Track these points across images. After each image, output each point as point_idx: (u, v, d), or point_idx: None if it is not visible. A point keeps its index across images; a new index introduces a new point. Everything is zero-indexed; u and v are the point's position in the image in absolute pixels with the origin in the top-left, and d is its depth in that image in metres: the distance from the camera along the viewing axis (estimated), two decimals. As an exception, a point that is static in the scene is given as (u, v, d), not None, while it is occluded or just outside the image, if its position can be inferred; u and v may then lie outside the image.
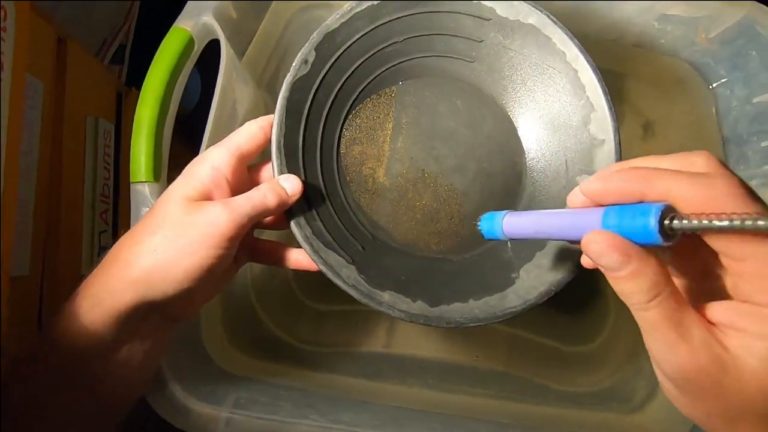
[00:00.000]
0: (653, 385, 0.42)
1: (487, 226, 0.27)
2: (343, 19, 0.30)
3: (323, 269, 0.28)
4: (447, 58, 0.34)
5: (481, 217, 0.27)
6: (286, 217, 0.28)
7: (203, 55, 0.35)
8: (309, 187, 0.29)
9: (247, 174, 0.29)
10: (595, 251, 0.19)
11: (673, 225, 0.17)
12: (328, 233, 0.29)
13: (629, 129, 0.47)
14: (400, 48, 0.33)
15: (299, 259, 0.29)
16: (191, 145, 0.32)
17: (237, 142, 0.27)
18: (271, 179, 0.28)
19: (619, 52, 0.46)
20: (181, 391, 0.28)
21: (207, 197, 0.25)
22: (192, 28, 0.32)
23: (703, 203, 0.17)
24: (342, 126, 0.33)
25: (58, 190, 0.40)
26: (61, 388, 0.24)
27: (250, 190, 0.26)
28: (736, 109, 0.43)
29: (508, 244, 0.31)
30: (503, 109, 0.35)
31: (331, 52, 0.31)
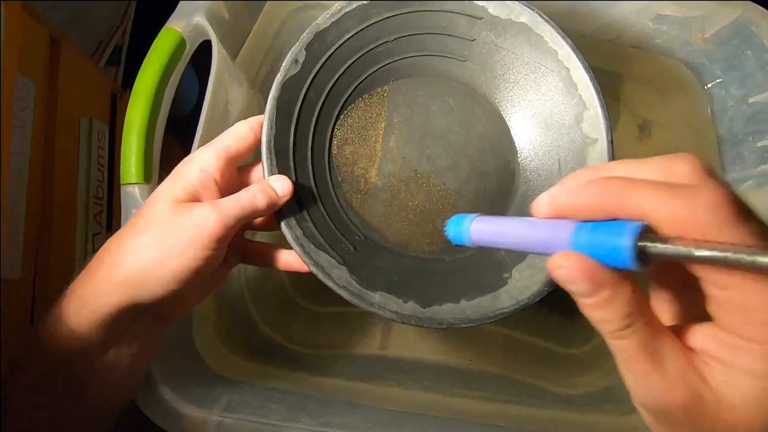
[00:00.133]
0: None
1: (453, 231, 0.24)
2: (333, 18, 0.30)
3: (314, 270, 0.27)
4: (439, 57, 0.34)
5: (448, 221, 0.24)
6: (276, 218, 0.28)
7: (200, 57, 0.35)
8: (300, 187, 0.29)
9: (237, 175, 0.29)
10: (563, 276, 0.17)
11: (648, 249, 0.15)
12: (319, 234, 0.29)
13: (625, 129, 0.47)
14: (392, 47, 0.33)
15: (289, 260, 0.29)
16: (189, 147, 0.32)
17: (226, 142, 0.27)
18: (261, 180, 0.28)
19: (615, 52, 0.46)
20: (171, 394, 0.28)
21: (195, 198, 0.25)
22: (183, 28, 0.32)
23: (684, 224, 0.15)
24: (334, 126, 0.33)
25: (51, 192, 0.40)
26: (48, 392, 0.24)
27: (239, 191, 0.26)
28: (732, 109, 0.43)
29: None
30: (496, 108, 0.34)
31: (321, 52, 0.31)
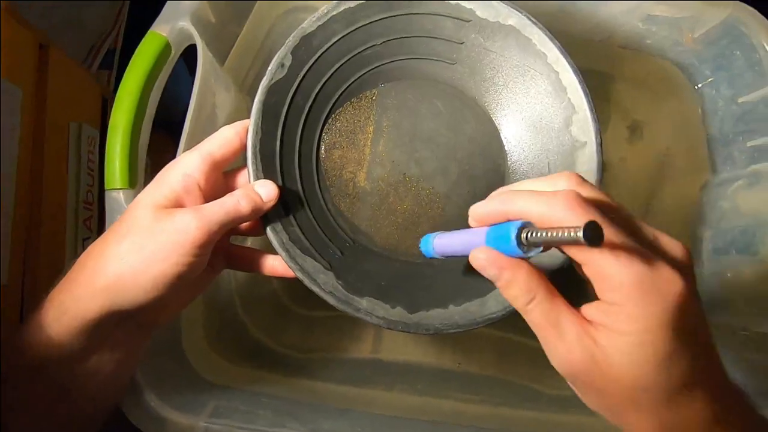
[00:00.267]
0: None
1: (424, 247, 0.29)
2: (319, 22, 0.30)
3: (299, 276, 0.27)
4: (428, 60, 0.34)
5: (422, 239, 0.29)
6: (262, 223, 0.28)
7: (195, 61, 0.34)
8: (287, 192, 0.29)
9: (223, 179, 0.29)
10: (478, 266, 0.21)
11: (528, 238, 0.20)
12: (306, 239, 0.29)
13: (616, 130, 0.47)
14: (380, 50, 0.33)
15: (275, 265, 0.29)
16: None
17: (210, 147, 0.26)
18: (246, 185, 0.27)
19: (605, 53, 0.46)
20: (157, 400, 0.28)
21: (178, 204, 0.25)
22: (168, 33, 0.31)
23: (547, 218, 0.20)
24: (321, 130, 0.33)
25: (39, 197, 0.40)
26: (30, 399, 0.24)
27: (223, 197, 0.26)
28: (722, 109, 0.43)
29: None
30: (485, 111, 0.34)
31: (308, 56, 0.30)
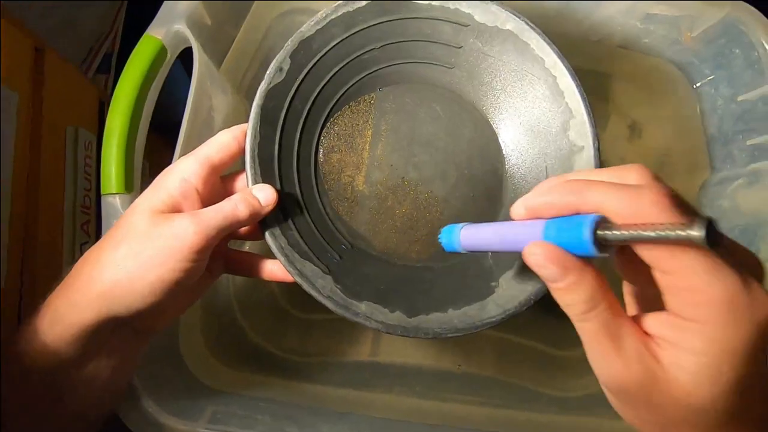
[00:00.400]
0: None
1: (446, 239, 0.27)
2: (318, 26, 0.30)
3: (298, 280, 0.27)
4: (426, 64, 0.34)
5: (441, 230, 0.27)
6: (260, 228, 0.27)
7: (192, 63, 0.34)
8: (285, 196, 0.29)
9: (221, 184, 0.29)
10: (534, 262, 0.19)
11: (606, 236, 0.18)
12: (305, 243, 0.28)
13: (615, 130, 0.47)
14: (378, 55, 0.32)
15: (274, 270, 0.29)
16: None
17: (208, 152, 0.26)
18: (244, 189, 0.27)
19: (604, 53, 0.46)
20: (154, 406, 0.28)
21: (175, 209, 0.25)
22: (164, 36, 0.31)
23: (631, 214, 0.18)
24: (320, 134, 0.32)
25: (36, 202, 0.39)
26: (26, 406, 0.23)
27: (221, 201, 0.25)
28: (721, 107, 0.43)
29: (489, 252, 0.31)
30: (484, 116, 0.34)
31: (306, 60, 0.30)
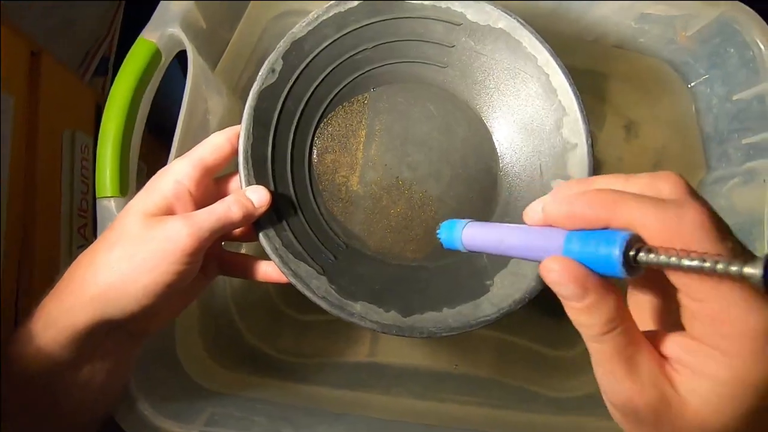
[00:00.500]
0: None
1: (446, 235, 0.25)
2: (309, 27, 0.30)
3: (293, 281, 0.27)
4: (419, 63, 0.34)
5: (441, 224, 0.25)
6: (254, 229, 0.27)
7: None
8: (279, 197, 0.29)
9: (215, 186, 0.29)
10: (553, 280, 0.18)
11: (638, 258, 0.16)
12: (299, 244, 0.28)
13: (611, 129, 0.47)
14: (371, 55, 0.33)
15: (268, 271, 0.29)
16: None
17: (201, 154, 0.26)
18: (237, 190, 0.27)
19: (599, 53, 0.46)
20: (151, 409, 0.28)
21: (169, 211, 0.25)
22: (158, 39, 0.31)
23: (671, 236, 0.16)
24: (313, 134, 0.32)
25: (33, 205, 0.39)
26: (21, 410, 0.23)
27: (214, 203, 0.25)
28: (716, 106, 0.43)
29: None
30: (477, 114, 0.34)
31: (299, 60, 0.30)
